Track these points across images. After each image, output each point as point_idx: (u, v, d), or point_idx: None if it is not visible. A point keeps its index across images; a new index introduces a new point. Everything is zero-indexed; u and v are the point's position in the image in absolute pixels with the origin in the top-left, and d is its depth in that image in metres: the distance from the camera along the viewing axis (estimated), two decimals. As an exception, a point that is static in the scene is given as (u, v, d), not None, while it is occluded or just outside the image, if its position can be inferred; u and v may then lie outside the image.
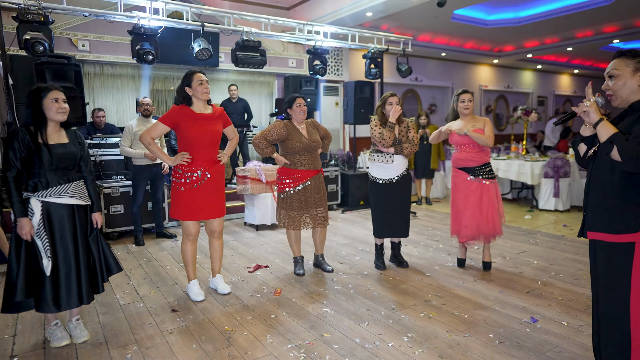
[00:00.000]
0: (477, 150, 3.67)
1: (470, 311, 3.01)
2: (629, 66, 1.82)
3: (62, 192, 2.45)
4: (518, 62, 12.47)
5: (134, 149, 4.66)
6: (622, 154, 1.68)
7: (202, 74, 3.12)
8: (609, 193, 1.82)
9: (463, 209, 3.72)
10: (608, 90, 1.88)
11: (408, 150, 3.71)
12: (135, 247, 4.76)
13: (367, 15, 7.29)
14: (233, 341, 2.64)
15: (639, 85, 1.81)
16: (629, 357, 1.80)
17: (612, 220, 1.80)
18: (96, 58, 6.61)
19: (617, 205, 1.80)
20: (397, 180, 3.75)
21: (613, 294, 1.83)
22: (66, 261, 2.46)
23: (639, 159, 1.64)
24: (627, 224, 1.77)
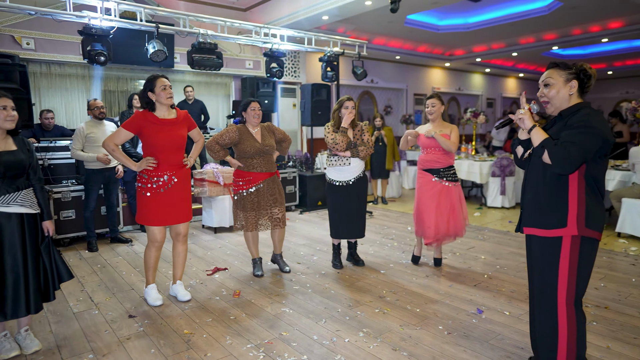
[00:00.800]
0: (442, 152, 3.81)
1: (422, 305, 3.18)
2: (562, 76, 2.00)
3: (10, 201, 2.38)
4: (468, 66, 13.05)
5: (85, 152, 4.53)
6: (551, 157, 1.86)
7: (166, 78, 3.09)
8: (541, 192, 2.00)
9: (427, 210, 3.83)
10: (543, 97, 2.05)
11: (363, 153, 3.83)
12: (89, 253, 4.62)
13: (323, 18, 7.41)
14: (192, 344, 2.66)
15: (570, 95, 2.00)
16: (556, 344, 1.98)
17: (544, 217, 1.97)
18: (42, 57, 6.33)
19: (548, 203, 1.97)
20: (354, 182, 3.87)
21: (545, 284, 2.00)
22: (14, 270, 2.39)
23: (566, 162, 1.83)
24: (556, 220, 1.94)
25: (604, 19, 8.70)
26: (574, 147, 1.83)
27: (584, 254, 1.93)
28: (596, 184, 1.95)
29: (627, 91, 15.02)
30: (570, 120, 1.95)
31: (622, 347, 2.54)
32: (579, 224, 1.91)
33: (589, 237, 1.93)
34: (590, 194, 1.94)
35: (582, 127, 1.87)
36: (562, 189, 1.94)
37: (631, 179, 5.25)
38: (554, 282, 1.96)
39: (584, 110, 1.95)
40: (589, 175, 1.93)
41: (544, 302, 2.01)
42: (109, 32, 4.65)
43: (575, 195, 1.92)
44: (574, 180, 1.93)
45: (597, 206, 1.94)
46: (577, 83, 1.99)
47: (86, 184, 4.67)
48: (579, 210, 1.91)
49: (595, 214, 1.93)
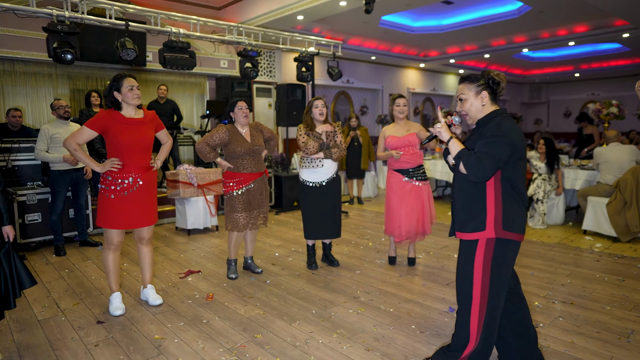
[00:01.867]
0: (411, 153, 3.85)
1: (396, 305, 3.21)
2: (472, 90, 2.11)
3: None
4: (442, 67, 13.26)
5: (51, 153, 4.38)
6: (466, 168, 1.99)
7: (133, 78, 3.01)
8: (463, 198, 2.12)
9: (398, 210, 3.87)
10: (461, 111, 2.17)
11: (337, 155, 3.82)
12: (56, 258, 4.47)
13: (298, 18, 7.39)
14: (163, 349, 2.60)
15: (482, 105, 2.11)
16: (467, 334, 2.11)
17: (467, 221, 2.09)
18: (5, 54, 6.09)
19: (469, 208, 2.09)
20: (327, 182, 3.87)
21: (462, 283, 2.13)
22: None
23: (479, 171, 1.95)
24: (476, 224, 2.05)
25: (570, 23, 9.00)
26: (486, 157, 1.94)
27: (499, 254, 2.04)
28: (513, 187, 2.04)
29: (593, 93, 15.56)
30: (483, 130, 2.06)
31: (586, 342, 2.62)
32: (497, 227, 2.01)
33: (506, 238, 2.03)
34: (507, 197, 2.03)
35: (492, 136, 1.99)
36: (481, 194, 2.05)
37: (596, 178, 5.45)
38: (469, 280, 2.08)
39: (495, 119, 2.06)
40: (505, 180, 2.03)
41: (461, 295, 2.14)
42: (75, 30, 4.50)
43: (493, 200, 2.03)
44: (490, 186, 2.03)
45: (515, 208, 2.03)
46: (487, 93, 2.10)
47: (53, 186, 4.51)
48: (496, 213, 2.02)
49: (513, 216, 2.02)
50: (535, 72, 15.02)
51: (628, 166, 4.97)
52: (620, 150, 5.13)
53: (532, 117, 17.42)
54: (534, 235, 5.19)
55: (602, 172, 5.22)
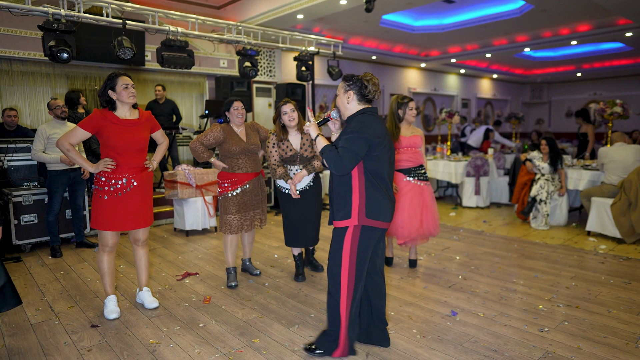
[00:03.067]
0: (412, 152, 3.79)
1: (397, 308, 3.14)
2: (343, 88, 2.36)
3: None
4: (443, 67, 13.18)
5: (47, 153, 4.32)
6: (328, 162, 2.23)
7: (128, 76, 2.94)
8: (335, 189, 2.35)
9: (400, 210, 3.78)
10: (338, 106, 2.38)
11: (319, 167, 3.57)
12: (52, 259, 4.41)
13: (298, 17, 7.33)
14: (158, 354, 2.54)
15: (348, 103, 2.34)
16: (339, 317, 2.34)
17: (338, 210, 2.32)
18: (2, 53, 6.04)
19: (339, 198, 2.31)
20: (303, 190, 3.60)
21: (333, 267, 2.35)
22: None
23: (337, 165, 2.19)
24: (344, 213, 2.29)
25: (572, 22, 8.92)
26: (345, 152, 2.19)
27: (363, 240, 2.30)
28: (376, 178, 2.28)
29: (595, 93, 15.47)
30: (346, 126, 2.30)
31: (592, 347, 2.55)
32: (360, 215, 2.26)
33: (368, 225, 2.28)
34: (370, 188, 2.27)
35: (352, 132, 2.22)
36: (347, 185, 2.29)
37: (600, 178, 5.37)
38: (338, 263, 2.32)
39: (358, 116, 2.30)
40: (368, 172, 2.27)
41: (331, 280, 2.36)
42: (71, 28, 4.44)
43: (357, 190, 2.27)
44: (355, 177, 2.27)
45: (377, 198, 2.27)
46: (353, 93, 2.32)
47: (50, 187, 4.45)
48: (360, 203, 2.26)
49: (376, 205, 2.27)
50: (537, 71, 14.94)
51: (633, 166, 4.89)
52: (625, 151, 5.05)
53: (533, 117, 17.33)
54: (537, 236, 5.12)
55: (606, 172, 5.14)
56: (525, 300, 3.25)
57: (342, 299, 2.33)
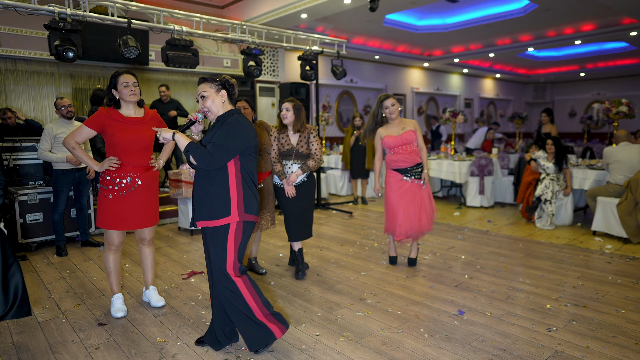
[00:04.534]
0: (408, 152, 3.80)
1: (404, 307, 3.14)
2: (213, 88, 2.35)
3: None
4: (446, 66, 13.17)
5: (54, 153, 4.32)
6: (195, 158, 2.22)
7: (131, 74, 2.93)
8: (208, 188, 2.32)
9: (396, 208, 3.83)
10: (204, 108, 2.36)
11: (314, 167, 3.62)
12: (57, 258, 4.42)
13: (302, 17, 7.34)
14: (165, 352, 2.54)
15: (223, 102, 2.37)
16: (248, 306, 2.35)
17: (212, 210, 2.31)
18: (7, 53, 6.05)
19: (214, 197, 2.30)
20: (298, 185, 3.66)
21: (217, 264, 2.34)
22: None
23: (205, 159, 2.21)
24: (222, 211, 2.30)
25: (576, 22, 8.90)
26: (218, 148, 2.21)
27: (245, 234, 2.38)
28: (250, 177, 2.36)
29: (598, 92, 15.43)
30: (222, 124, 2.31)
31: (602, 347, 2.54)
32: (240, 211, 2.31)
33: (248, 220, 2.35)
34: (245, 185, 2.34)
35: (230, 130, 2.26)
36: (224, 184, 2.30)
37: (605, 178, 5.35)
38: (224, 260, 2.33)
39: (234, 115, 2.34)
40: (244, 170, 2.33)
41: (220, 278, 2.35)
42: (77, 27, 4.44)
43: (235, 188, 2.31)
44: (232, 175, 2.31)
45: (251, 195, 2.36)
46: (225, 92, 2.37)
47: (55, 186, 4.46)
48: (239, 199, 2.31)
49: (251, 201, 2.35)
50: (540, 71, 14.92)
51: (639, 166, 4.88)
52: (630, 150, 5.03)
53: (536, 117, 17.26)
54: (542, 236, 5.10)
55: (612, 172, 5.12)
56: (532, 299, 3.24)
57: (241, 288, 2.34)
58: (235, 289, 2.34)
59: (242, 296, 2.35)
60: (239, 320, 2.39)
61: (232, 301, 2.35)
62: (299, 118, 3.57)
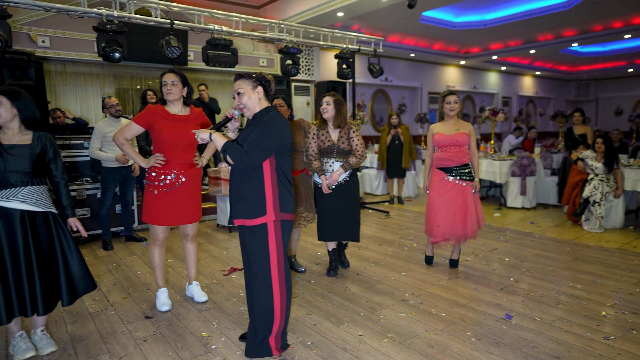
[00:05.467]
0: (456, 150, 3.67)
1: (447, 309, 3.06)
2: (249, 85, 2.32)
3: (11, 195, 2.31)
4: (484, 64, 12.83)
5: (104, 151, 4.48)
6: (232, 157, 2.21)
7: (171, 73, 2.98)
8: (243, 187, 2.31)
9: (437, 209, 3.71)
10: (240, 105, 2.34)
11: (356, 164, 3.56)
12: (104, 252, 4.57)
13: (338, 15, 7.31)
14: (211, 348, 2.57)
15: (259, 99, 2.34)
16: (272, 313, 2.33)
17: (248, 208, 2.29)
18: (58, 55, 6.32)
19: (249, 195, 2.28)
20: (339, 184, 3.61)
21: (259, 265, 2.31)
22: (16, 269, 2.30)
23: (242, 159, 2.19)
24: (257, 210, 2.28)
25: (626, 14, 8.47)
26: (254, 147, 2.19)
27: (284, 233, 2.35)
28: (285, 175, 2.33)
29: (647, 89, 14.65)
30: (258, 122, 2.29)
31: (665, 357, 2.39)
32: (275, 210, 2.28)
33: (285, 219, 2.33)
34: (281, 184, 2.31)
35: (266, 128, 2.23)
36: (259, 182, 2.28)
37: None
38: (267, 261, 2.30)
39: (270, 113, 2.30)
40: (279, 169, 2.31)
41: (261, 280, 2.32)
42: (124, 29, 4.58)
43: (270, 187, 2.28)
44: (267, 174, 2.28)
45: (287, 193, 2.33)
46: (262, 89, 2.34)
47: (103, 182, 4.62)
48: (274, 198, 2.28)
49: (286, 200, 2.32)
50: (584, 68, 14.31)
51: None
52: (689, 149, 4.73)
53: (578, 116, 16.60)
54: (591, 239, 4.87)
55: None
56: (585, 305, 3.09)
57: (276, 298, 2.32)
58: (270, 296, 2.32)
59: (272, 307, 2.33)
60: (258, 323, 2.37)
61: (261, 301, 2.33)
62: (340, 113, 3.52)
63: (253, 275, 2.35)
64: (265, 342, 2.39)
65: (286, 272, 2.37)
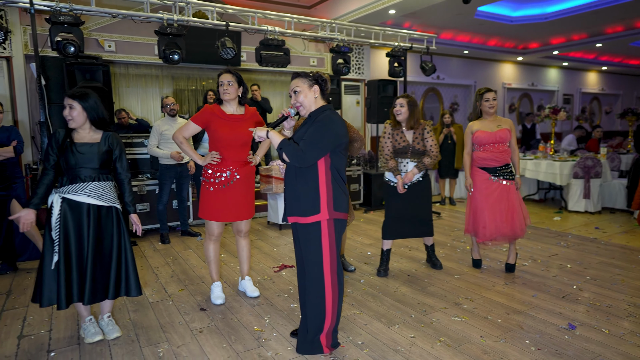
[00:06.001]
0: (499, 150, 3.60)
1: (504, 315, 2.93)
2: (305, 83, 2.35)
3: (79, 189, 2.47)
4: (543, 59, 12.18)
5: (160, 149, 4.70)
6: (288, 155, 2.25)
7: (227, 73, 3.07)
8: (297, 185, 2.33)
9: (482, 209, 3.65)
10: (296, 103, 2.37)
11: (430, 165, 3.57)
12: (161, 245, 4.80)
13: (389, 13, 7.21)
14: (263, 342, 2.62)
15: (315, 98, 2.36)
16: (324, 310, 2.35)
17: (301, 206, 2.31)
18: (122, 58, 6.71)
19: (303, 193, 2.31)
20: (412, 184, 3.63)
21: (312, 262, 2.33)
22: (80, 258, 2.47)
23: (298, 157, 2.22)
24: (311, 208, 2.29)
25: None
26: (310, 145, 2.21)
27: (337, 232, 2.35)
28: (339, 174, 2.34)
29: None
30: (314, 121, 2.31)
31: None
32: (329, 209, 2.29)
33: (338, 218, 2.33)
34: (335, 183, 2.32)
35: (322, 127, 2.25)
36: (313, 180, 2.29)
37: None
38: (320, 259, 2.32)
39: (326, 112, 2.33)
40: (334, 167, 2.32)
41: (313, 277, 2.34)
42: (182, 32, 4.78)
43: (325, 185, 2.29)
44: (322, 172, 2.30)
45: (341, 192, 2.34)
46: (318, 87, 2.36)
47: (160, 179, 4.85)
48: (328, 197, 2.29)
49: (340, 199, 2.33)
50: (657, 62, 13.21)
51: None
52: None
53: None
54: (665, 247, 4.49)
55: None
56: (660, 318, 2.85)
57: (328, 297, 2.34)
58: (322, 291, 2.34)
59: (324, 306, 2.34)
60: (309, 320, 2.39)
61: (313, 299, 2.35)
62: (414, 114, 3.54)
63: (306, 273, 2.38)
64: (317, 339, 2.41)
65: (338, 271, 2.38)
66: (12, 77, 5.91)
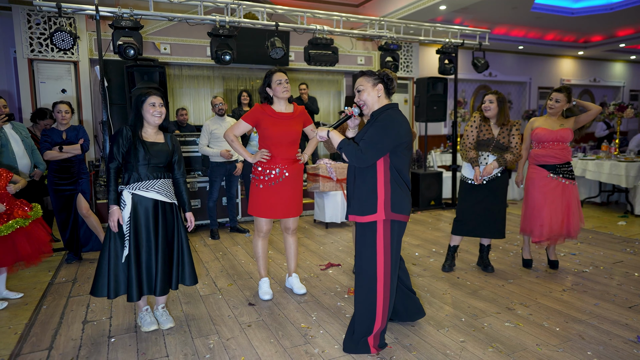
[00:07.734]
0: (560, 147, 3.53)
1: (562, 324, 2.77)
2: (369, 82, 2.34)
3: (149, 186, 2.59)
4: (607, 53, 11.42)
5: (210, 147, 4.85)
6: (347, 155, 2.27)
7: (282, 72, 3.13)
8: (357, 184, 2.34)
9: (540, 207, 3.56)
10: (360, 102, 2.37)
11: (511, 161, 3.44)
12: (211, 240, 4.95)
13: (440, 8, 7.03)
14: (310, 339, 2.63)
15: (378, 97, 2.34)
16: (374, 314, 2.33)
17: (360, 205, 2.31)
18: (176, 60, 6.99)
19: (362, 192, 2.31)
20: (490, 179, 3.55)
21: (364, 262, 2.33)
22: (148, 252, 2.60)
23: (357, 157, 2.23)
24: (368, 207, 2.28)
25: None
26: (369, 145, 2.21)
27: (394, 234, 2.32)
28: (400, 175, 2.31)
29: None
30: (376, 120, 2.29)
31: None
32: (386, 209, 2.27)
33: (396, 220, 2.30)
34: (394, 183, 2.28)
35: (382, 127, 2.23)
36: (372, 180, 2.29)
37: None
38: (374, 259, 2.30)
39: (388, 111, 2.30)
40: (394, 167, 2.28)
41: (364, 278, 2.33)
42: (234, 32, 4.91)
43: (382, 185, 2.27)
44: (380, 172, 2.28)
45: (401, 193, 2.30)
46: (382, 87, 2.33)
47: (210, 176, 5.00)
48: (385, 197, 2.27)
49: (400, 199, 2.29)
50: None
51: None
52: None
53: None
54: None
55: None
56: None
57: (379, 298, 2.31)
58: (373, 297, 2.31)
59: (375, 307, 2.32)
60: (358, 320, 2.38)
61: (363, 300, 2.34)
62: (503, 111, 3.47)
63: (357, 273, 2.37)
64: (364, 339, 2.39)
65: (392, 273, 2.34)
66: (79, 79, 6.32)
